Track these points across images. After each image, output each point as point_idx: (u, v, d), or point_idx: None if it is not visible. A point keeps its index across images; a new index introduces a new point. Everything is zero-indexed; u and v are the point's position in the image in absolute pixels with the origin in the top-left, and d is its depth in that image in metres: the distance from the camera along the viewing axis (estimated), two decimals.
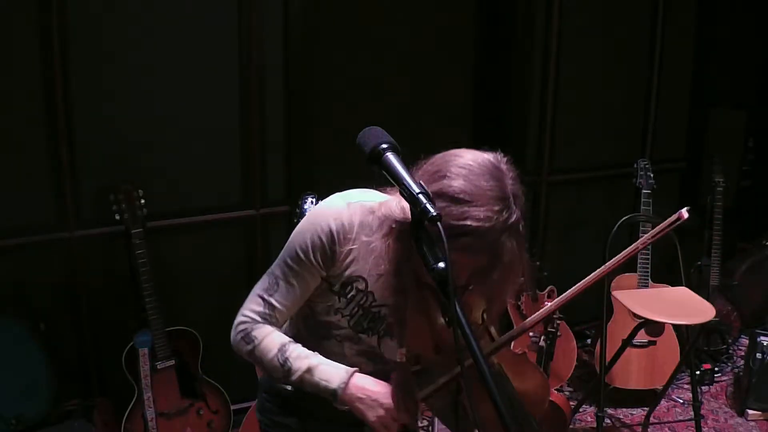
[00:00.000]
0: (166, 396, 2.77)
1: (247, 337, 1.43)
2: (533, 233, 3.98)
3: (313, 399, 1.47)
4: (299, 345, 1.43)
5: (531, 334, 3.49)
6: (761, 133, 4.56)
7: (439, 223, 1.08)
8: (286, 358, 1.40)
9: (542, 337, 2.61)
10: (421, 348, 1.45)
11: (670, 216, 1.36)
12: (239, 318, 1.45)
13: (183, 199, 3.03)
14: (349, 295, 1.42)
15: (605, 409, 3.09)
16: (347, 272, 1.41)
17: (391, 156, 1.17)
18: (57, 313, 2.86)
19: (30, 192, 2.74)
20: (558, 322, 2.62)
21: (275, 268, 1.44)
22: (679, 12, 4.16)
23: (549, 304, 2.65)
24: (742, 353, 3.86)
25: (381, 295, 1.42)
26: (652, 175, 3.47)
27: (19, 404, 2.59)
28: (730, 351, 4.00)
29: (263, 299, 1.43)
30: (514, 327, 3.65)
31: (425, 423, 3.34)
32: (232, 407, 2.96)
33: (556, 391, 3.13)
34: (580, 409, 3.39)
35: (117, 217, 2.71)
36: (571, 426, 3.20)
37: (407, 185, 1.13)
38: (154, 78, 2.87)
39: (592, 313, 3.76)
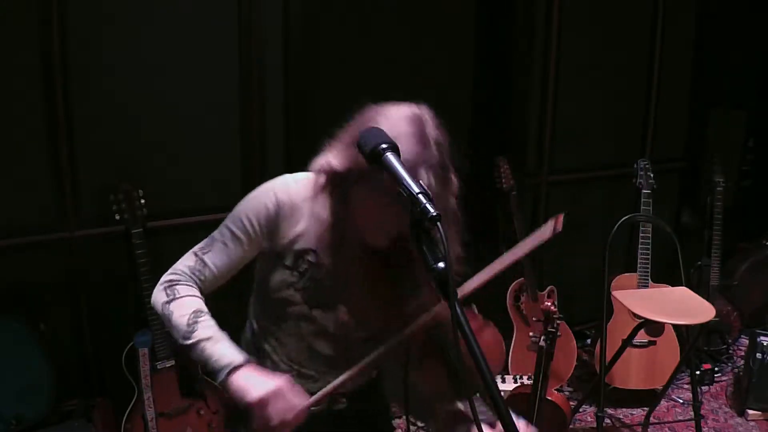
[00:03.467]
0: (166, 396, 2.77)
1: (170, 289, 1.44)
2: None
3: None
4: (213, 321, 1.42)
5: (531, 334, 3.49)
6: (761, 133, 4.56)
7: (438, 224, 1.08)
8: (196, 321, 1.39)
9: (542, 337, 2.61)
10: (367, 314, 1.43)
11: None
12: (168, 272, 1.48)
13: (183, 199, 3.03)
14: (302, 268, 1.43)
15: (605, 409, 3.09)
16: (297, 245, 1.42)
17: (391, 156, 1.17)
18: (57, 313, 2.86)
19: (30, 192, 2.74)
20: (558, 322, 2.62)
21: (216, 231, 1.47)
22: (679, 12, 4.15)
23: (548, 303, 2.65)
24: (742, 353, 3.86)
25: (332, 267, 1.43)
26: (652, 175, 3.47)
27: (19, 404, 2.59)
28: (730, 351, 4.00)
29: (196, 255, 1.47)
30: (515, 327, 3.65)
31: (422, 424, 3.34)
32: None
33: (556, 391, 3.13)
34: (580, 409, 3.39)
35: (117, 217, 2.71)
36: (571, 426, 3.20)
37: (407, 185, 1.13)
38: (154, 78, 2.87)
39: (592, 313, 3.76)
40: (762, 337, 3.41)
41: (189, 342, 1.38)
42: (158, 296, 1.45)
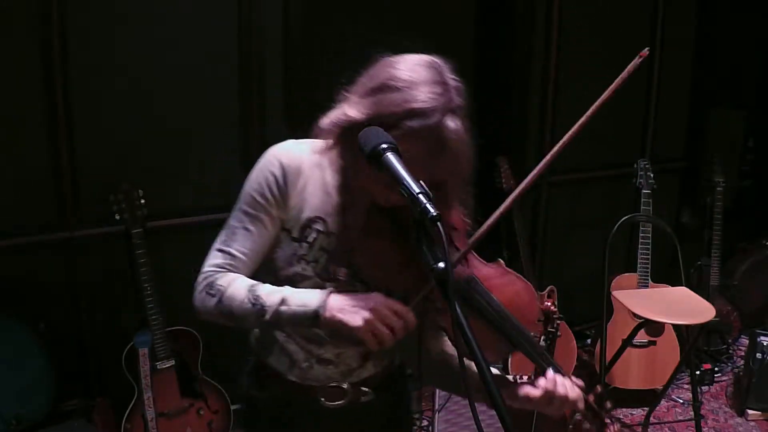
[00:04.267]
0: (166, 396, 2.77)
1: (211, 288, 1.35)
2: (533, 233, 3.98)
3: (292, 393, 1.46)
4: (268, 284, 1.34)
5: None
6: (761, 133, 4.56)
7: (438, 223, 1.08)
8: (257, 296, 1.31)
9: (542, 337, 2.61)
10: (385, 278, 1.35)
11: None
12: (199, 277, 1.39)
13: (183, 199, 3.03)
14: (310, 238, 1.36)
15: None
16: (304, 214, 1.36)
17: (391, 156, 1.17)
18: (57, 313, 2.86)
19: (30, 192, 2.74)
20: (558, 322, 2.62)
21: (231, 219, 1.40)
22: (679, 12, 4.15)
23: (548, 303, 2.65)
24: (742, 353, 3.86)
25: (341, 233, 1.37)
26: (652, 175, 3.47)
27: (19, 404, 2.59)
28: (730, 351, 4.00)
29: (221, 251, 1.38)
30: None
31: (425, 423, 3.34)
32: (233, 407, 2.95)
33: None
34: None
35: (117, 217, 2.70)
36: (571, 426, 3.20)
37: (407, 185, 1.12)
38: (153, 78, 2.87)
39: (592, 313, 3.76)
40: (762, 337, 3.41)
41: (267, 319, 1.30)
42: (206, 302, 1.36)
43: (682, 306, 2.87)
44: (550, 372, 1.34)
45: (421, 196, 1.10)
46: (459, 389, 1.47)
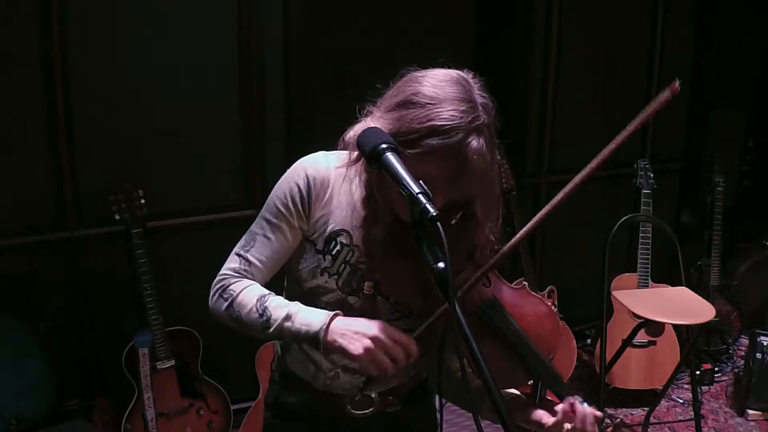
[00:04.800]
0: (166, 396, 2.77)
1: (225, 291, 1.37)
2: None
3: (319, 401, 1.45)
4: (279, 297, 1.36)
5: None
6: (761, 133, 4.56)
7: (439, 223, 1.08)
8: (265, 308, 1.32)
9: None
10: (406, 294, 1.36)
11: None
12: (216, 279, 1.41)
13: (183, 199, 3.03)
14: (334, 251, 1.37)
15: (605, 409, 3.09)
16: (329, 227, 1.37)
17: (390, 156, 1.17)
18: (57, 313, 2.86)
19: (30, 192, 2.74)
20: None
21: (254, 226, 1.41)
22: (679, 12, 4.15)
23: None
24: (742, 353, 3.86)
25: (365, 246, 1.37)
26: (652, 175, 3.47)
27: (19, 404, 2.59)
28: (730, 351, 4.00)
29: (239, 255, 1.40)
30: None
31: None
32: (232, 407, 2.96)
33: None
34: None
35: (117, 217, 2.70)
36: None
37: (407, 185, 1.12)
38: (153, 78, 2.87)
39: (592, 313, 3.76)
40: (762, 337, 3.41)
41: (271, 332, 1.31)
42: (217, 305, 1.38)
43: (682, 306, 2.87)
44: (570, 401, 1.30)
45: (420, 196, 1.10)
46: (475, 408, 1.43)
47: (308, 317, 1.29)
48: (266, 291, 1.36)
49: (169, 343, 2.76)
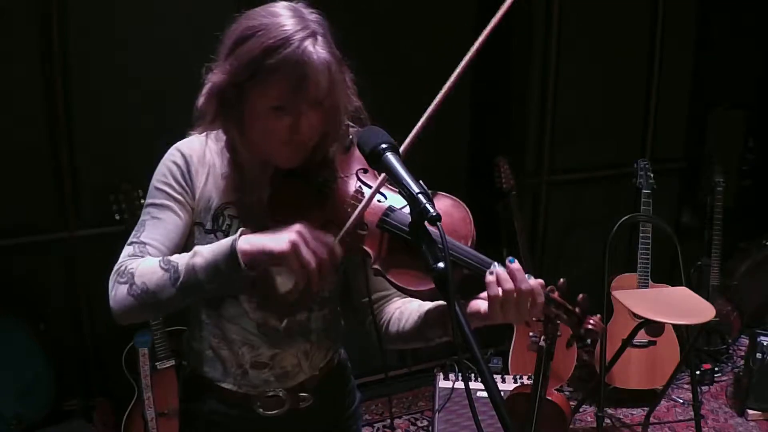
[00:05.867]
0: (166, 396, 2.76)
1: (122, 275, 1.22)
2: (533, 233, 3.98)
3: (229, 405, 1.41)
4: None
5: (531, 334, 3.48)
6: (761, 133, 4.56)
7: (438, 223, 1.07)
8: (169, 261, 1.20)
9: (542, 337, 2.60)
10: None
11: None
12: (112, 273, 1.26)
13: None
14: (224, 226, 1.32)
15: (605, 409, 3.09)
16: (213, 203, 1.33)
17: (390, 156, 1.17)
18: (57, 313, 2.86)
19: (30, 192, 2.74)
20: (558, 322, 2.61)
21: (141, 216, 1.34)
22: (678, 12, 4.16)
23: None
24: (742, 353, 3.86)
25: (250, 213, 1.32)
26: (652, 175, 3.47)
27: (19, 404, 2.60)
28: (730, 351, 4.00)
29: (131, 243, 1.30)
30: (514, 327, 3.64)
31: (425, 423, 3.34)
32: None
33: (556, 391, 3.13)
34: (580, 409, 3.39)
35: (117, 217, 2.71)
36: (571, 426, 3.20)
37: (407, 185, 1.12)
38: (153, 78, 2.87)
39: (592, 313, 3.76)
40: (762, 337, 3.41)
41: (182, 281, 1.18)
42: (118, 292, 1.22)
43: (682, 306, 2.87)
44: (493, 269, 1.18)
45: (420, 196, 1.10)
46: (419, 337, 1.37)
47: (216, 245, 1.19)
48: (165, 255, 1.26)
49: (169, 343, 2.76)
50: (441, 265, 1.09)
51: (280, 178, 1.31)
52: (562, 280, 1.26)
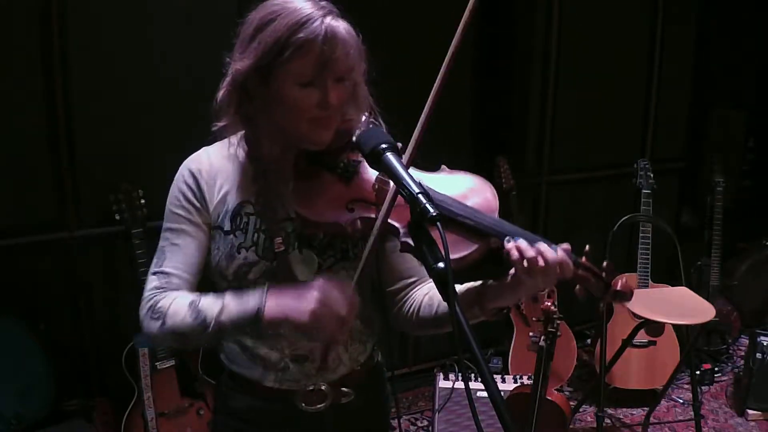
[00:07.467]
0: (166, 396, 2.77)
1: (154, 312, 1.31)
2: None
3: (270, 402, 1.41)
4: (208, 296, 1.31)
5: (531, 334, 3.49)
6: (761, 133, 4.56)
7: (438, 223, 1.07)
8: (198, 311, 1.27)
9: (542, 337, 2.61)
10: (331, 216, 1.27)
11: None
12: (142, 304, 1.35)
13: None
14: (242, 225, 1.35)
15: (605, 409, 3.09)
16: (229, 204, 1.35)
17: (390, 156, 1.17)
18: (57, 313, 2.86)
19: (30, 192, 2.74)
20: (558, 322, 2.62)
21: (159, 242, 1.38)
22: (679, 12, 4.16)
23: (548, 303, 2.66)
24: (742, 353, 3.86)
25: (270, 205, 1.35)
26: (652, 175, 3.47)
27: (19, 404, 2.59)
28: (730, 351, 4.00)
29: (155, 273, 1.35)
30: (515, 327, 3.64)
31: (425, 423, 3.34)
32: None
33: (556, 391, 3.13)
34: (580, 409, 3.39)
35: (117, 217, 2.71)
36: (571, 426, 3.20)
37: (407, 185, 1.12)
38: (153, 78, 2.87)
39: (592, 313, 3.76)
40: (762, 337, 3.41)
41: (210, 332, 1.26)
42: (152, 328, 1.31)
43: (682, 306, 2.87)
44: (511, 242, 1.21)
45: (420, 196, 1.10)
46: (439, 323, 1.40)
47: (241, 303, 1.25)
48: (194, 295, 1.32)
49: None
50: (441, 265, 1.09)
51: (303, 167, 1.32)
52: (588, 246, 1.29)
